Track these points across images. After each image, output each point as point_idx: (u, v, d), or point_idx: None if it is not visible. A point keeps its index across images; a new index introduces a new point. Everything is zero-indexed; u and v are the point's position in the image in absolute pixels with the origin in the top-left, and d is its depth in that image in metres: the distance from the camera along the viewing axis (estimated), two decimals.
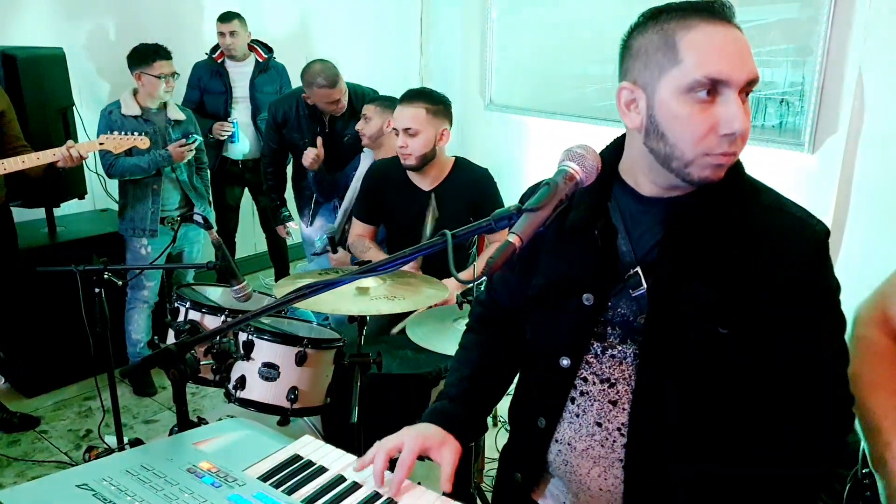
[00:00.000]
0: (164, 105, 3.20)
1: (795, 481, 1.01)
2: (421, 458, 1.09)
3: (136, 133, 2.90)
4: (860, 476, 1.25)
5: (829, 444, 1.02)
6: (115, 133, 2.87)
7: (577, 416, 1.10)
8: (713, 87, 0.93)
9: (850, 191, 3.09)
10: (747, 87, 0.94)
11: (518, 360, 1.27)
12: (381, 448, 1.08)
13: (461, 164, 2.57)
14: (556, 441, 1.14)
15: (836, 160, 3.10)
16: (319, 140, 3.30)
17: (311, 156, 3.26)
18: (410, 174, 2.53)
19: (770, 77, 3.25)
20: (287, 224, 3.79)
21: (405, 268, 2.42)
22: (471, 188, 2.51)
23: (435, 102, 2.44)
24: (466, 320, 1.38)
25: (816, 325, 1.00)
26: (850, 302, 1.21)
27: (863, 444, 1.23)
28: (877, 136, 2.97)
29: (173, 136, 3.17)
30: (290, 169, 3.75)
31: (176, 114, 3.24)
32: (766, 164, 3.23)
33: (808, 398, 1.01)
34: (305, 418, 2.21)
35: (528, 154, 4.47)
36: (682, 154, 0.96)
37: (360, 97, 3.44)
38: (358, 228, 2.71)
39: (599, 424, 1.08)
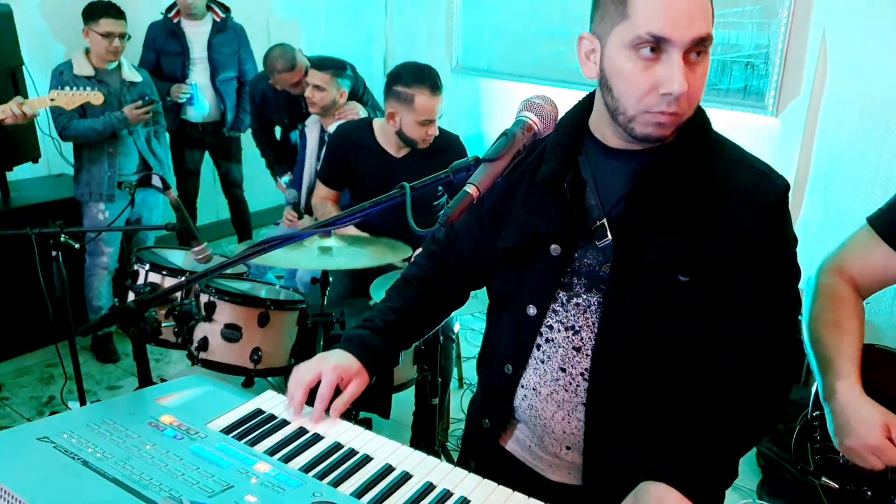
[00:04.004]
0: (119, 66, 3.09)
1: (749, 419, 1.05)
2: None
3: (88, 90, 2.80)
4: (810, 419, 1.30)
5: (781, 383, 1.06)
6: (67, 89, 2.77)
7: (543, 362, 1.13)
8: (657, 45, 0.92)
9: (812, 152, 3.15)
10: (696, 48, 0.93)
11: (449, 309, 1.31)
12: (299, 383, 1.12)
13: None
14: (522, 387, 1.16)
15: (799, 123, 3.15)
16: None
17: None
18: (380, 139, 2.49)
19: (736, 40, 3.26)
20: (281, 180, 3.71)
21: (353, 231, 2.39)
22: (437, 155, 2.46)
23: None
24: None
25: (774, 273, 1.03)
26: (811, 256, 1.24)
27: (814, 385, 1.28)
28: (837, 98, 3.02)
29: (128, 98, 3.07)
30: None
31: (132, 75, 3.13)
32: (730, 126, 3.25)
33: (763, 342, 1.04)
34: (270, 378, 2.21)
35: (496, 119, 4.44)
36: (626, 109, 0.97)
37: None
38: (322, 191, 2.67)
39: (564, 370, 1.11)
